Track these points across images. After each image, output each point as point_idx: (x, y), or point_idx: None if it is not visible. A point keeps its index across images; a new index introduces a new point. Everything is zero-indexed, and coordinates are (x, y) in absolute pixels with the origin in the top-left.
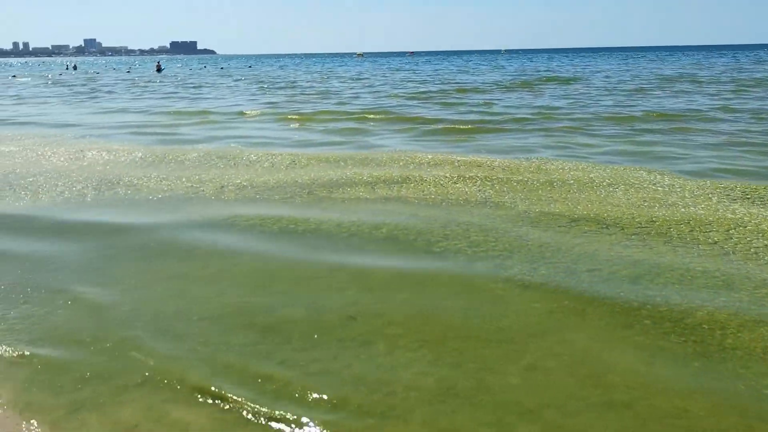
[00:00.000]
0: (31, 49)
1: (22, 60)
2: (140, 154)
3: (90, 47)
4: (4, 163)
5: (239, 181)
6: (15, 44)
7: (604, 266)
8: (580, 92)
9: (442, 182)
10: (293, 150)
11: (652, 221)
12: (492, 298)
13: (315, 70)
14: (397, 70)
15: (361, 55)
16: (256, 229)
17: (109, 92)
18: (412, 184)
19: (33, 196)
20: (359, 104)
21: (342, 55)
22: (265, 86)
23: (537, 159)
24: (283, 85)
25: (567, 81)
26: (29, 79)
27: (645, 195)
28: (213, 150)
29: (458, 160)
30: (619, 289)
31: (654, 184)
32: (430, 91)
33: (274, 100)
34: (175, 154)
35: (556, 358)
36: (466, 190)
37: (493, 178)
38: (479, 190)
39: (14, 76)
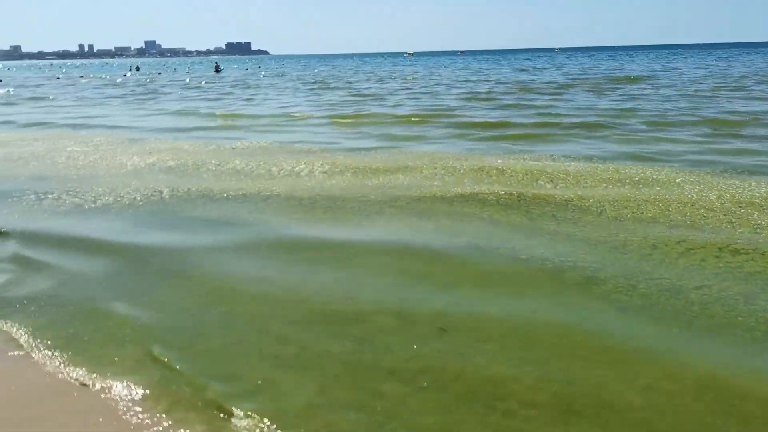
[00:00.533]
0: (95, 50)
1: (87, 61)
2: (231, 157)
3: (150, 49)
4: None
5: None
6: (81, 46)
7: (713, 282)
8: (649, 92)
9: (518, 187)
10: (348, 156)
11: (757, 230)
12: (591, 314)
13: (368, 69)
14: (452, 68)
15: (412, 54)
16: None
17: (172, 92)
18: (486, 192)
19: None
20: (418, 105)
21: (393, 55)
22: (320, 86)
23: (614, 163)
24: (338, 85)
25: (634, 80)
26: (104, 77)
27: (740, 200)
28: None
29: (532, 165)
30: (734, 309)
31: (750, 191)
32: (493, 92)
33: (330, 100)
34: (272, 159)
35: (676, 381)
36: (547, 195)
37: (574, 183)
38: (562, 196)
39: (81, 76)
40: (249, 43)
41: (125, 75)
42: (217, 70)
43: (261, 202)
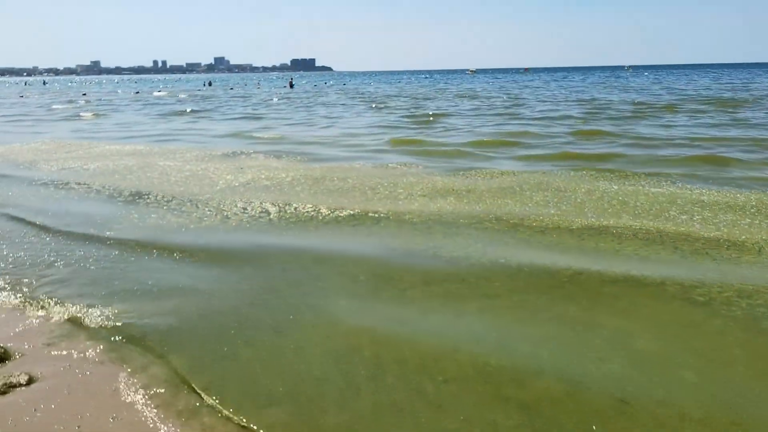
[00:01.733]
0: (168, 66)
1: (161, 77)
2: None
3: (219, 65)
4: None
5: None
6: (155, 62)
7: None
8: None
9: (650, 219)
10: (446, 177)
11: None
12: None
13: (437, 87)
14: (526, 87)
15: (474, 71)
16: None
17: (257, 109)
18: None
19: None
20: (500, 130)
21: (454, 72)
22: (397, 108)
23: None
24: (410, 105)
25: (731, 103)
26: (182, 95)
27: None
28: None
29: (656, 192)
30: None
31: None
32: (575, 117)
33: (410, 124)
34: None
35: None
36: (690, 231)
37: (712, 216)
38: (707, 232)
39: (137, 92)
40: (313, 60)
41: (199, 90)
42: (291, 86)
43: (373, 225)
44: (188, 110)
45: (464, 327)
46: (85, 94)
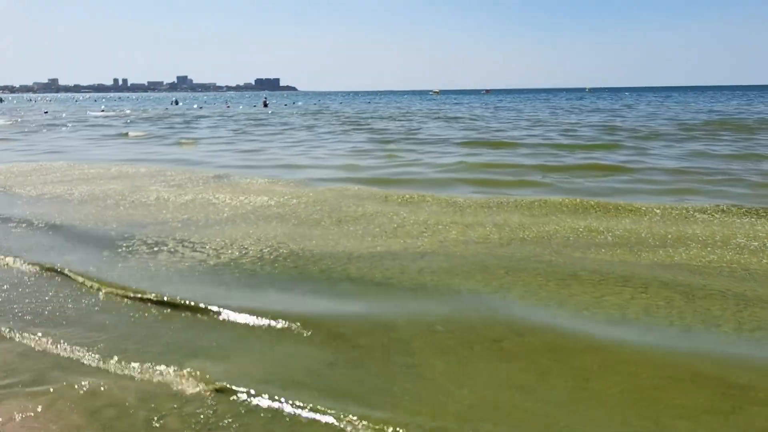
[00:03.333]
0: (129, 84)
1: (123, 95)
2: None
3: (182, 83)
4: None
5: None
6: (115, 80)
7: None
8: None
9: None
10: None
11: None
12: None
13: (408, 109)
14: (500, 108)
15: (438, 92)
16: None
17: (246, 133)
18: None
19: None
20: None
21: (418, 93)
22: (381, 132)
23: None
24: (394, 128)
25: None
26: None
27: None
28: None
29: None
30: None
31: None
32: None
33: (410, 150)
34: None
35: None
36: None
37: None
38: None
39: (102, 109)
40: (278, 79)
41: (166, 109)
42: (265, 105)
43: (419, 259)
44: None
45: (582, 417)
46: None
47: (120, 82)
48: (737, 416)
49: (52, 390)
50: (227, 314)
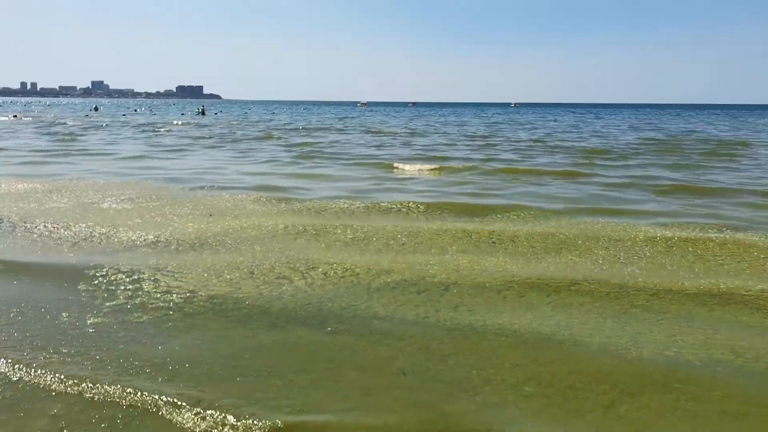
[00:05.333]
0: (38, 89)
1: (31, 99)
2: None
3: (97, 89)
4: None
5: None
6: (23, 84)
7: None
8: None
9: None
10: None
11: None
12: None
13: (350, 122)
14: (442, 122)
15: (365, 104)
16: None
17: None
18: None
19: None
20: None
21: (344, 104)
22: (327, 145)
23: None
24: (342, 143)
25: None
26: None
27: None
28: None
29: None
30: None
31: None
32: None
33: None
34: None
35: None
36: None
37: None
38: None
39: (15, 115)
40: (201, 87)
41: (86, 116)
42: (203, 113)
43: (473, 291)
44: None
45: None
46: None
47: (28, 86)
48: None
49: None
50: None
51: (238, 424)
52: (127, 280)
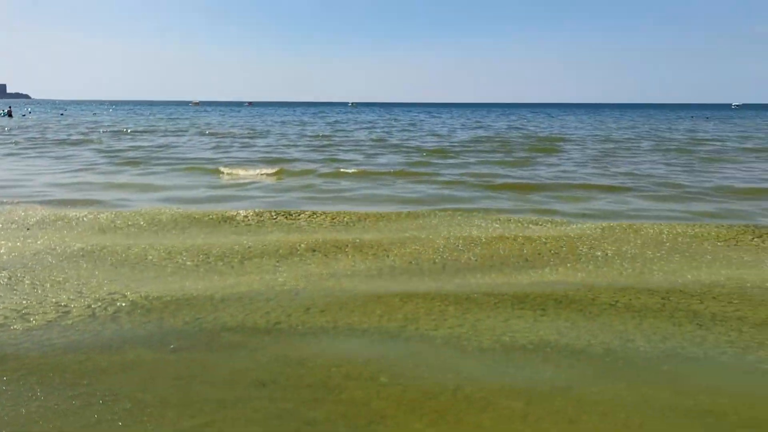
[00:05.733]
0: None
1: None
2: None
3: None
4: None
5: None
6: None
7: None
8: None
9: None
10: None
11: None
12: None
13: (182, 123)
14: (282, 122)
15: (198, 103)
16: None
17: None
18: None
19: None
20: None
21: (175, 104)
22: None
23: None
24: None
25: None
26: None
27: None
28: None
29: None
30: None
31: None
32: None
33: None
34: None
35: None
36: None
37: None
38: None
39: None
40: (4, 85)
41: None
42: (10, 114)
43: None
44: None
45: None
46: None
47: None
48: None
49: None
50: None
51: None
52: None
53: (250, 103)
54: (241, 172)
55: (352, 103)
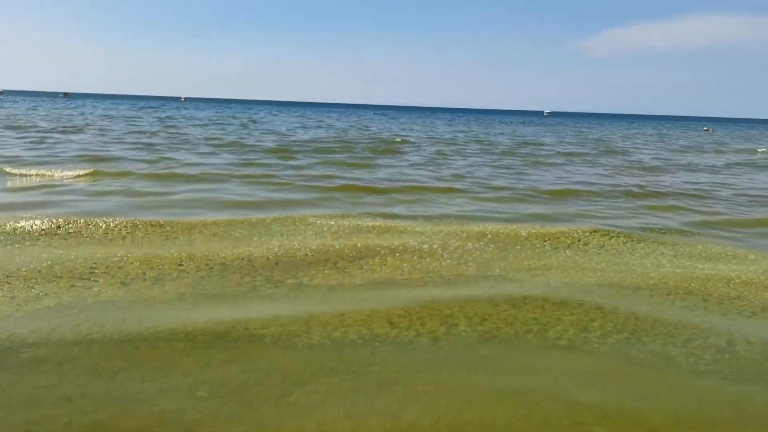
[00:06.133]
0: None
1: None
2: None
3: None
4: None
5: None
6: None
7: None
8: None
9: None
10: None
11: None
12: None
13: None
14: (103, 116)
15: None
16: None
17: None
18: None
19: None
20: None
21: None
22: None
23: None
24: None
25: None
26: None
27: None
28: None
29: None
30: None
31: None
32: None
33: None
34: None
35: None
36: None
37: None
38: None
39: None
40: None
41: None
42: None
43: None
44: None
45: None
46: None
47: None
48: None
49: None
50: None
51: None
52: None
53: (66, 95)
54: (46, 173)
55: (185, 98)
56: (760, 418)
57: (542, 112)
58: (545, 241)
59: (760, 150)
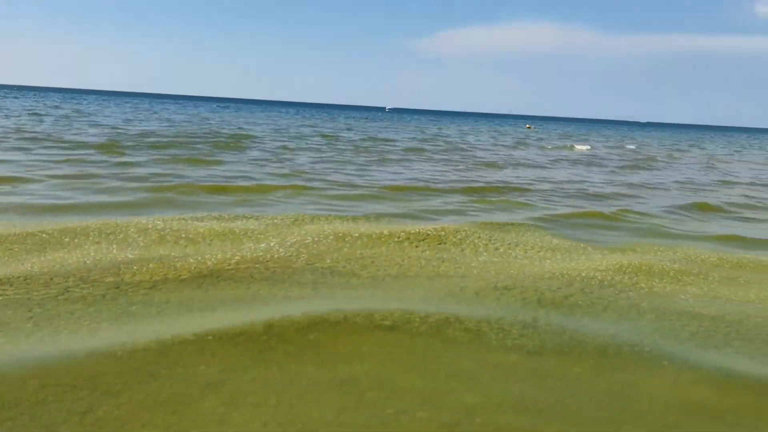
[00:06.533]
0: None
1: None
2: None
3: None
4: None
5: None
6: None
7: None
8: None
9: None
10: None
11: None
12: None
13: None
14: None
15: None
16: None
17: None
18: None
19: None
20: None
21: None
22: None
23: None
24: None
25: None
26: None
27: None
28: None
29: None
30: None
31: None
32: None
33: None
34: None
35: None
36: None
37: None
38: None
39: None
40: None
41: None
42: None
43: None
44: None
45: None
46: None
47: None
48: None
49: None
50: None
51: None
52: None
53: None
54: None
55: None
56: (558, 391)
57: (384, 108)
58: (380, 239)
59: (578, 147)
